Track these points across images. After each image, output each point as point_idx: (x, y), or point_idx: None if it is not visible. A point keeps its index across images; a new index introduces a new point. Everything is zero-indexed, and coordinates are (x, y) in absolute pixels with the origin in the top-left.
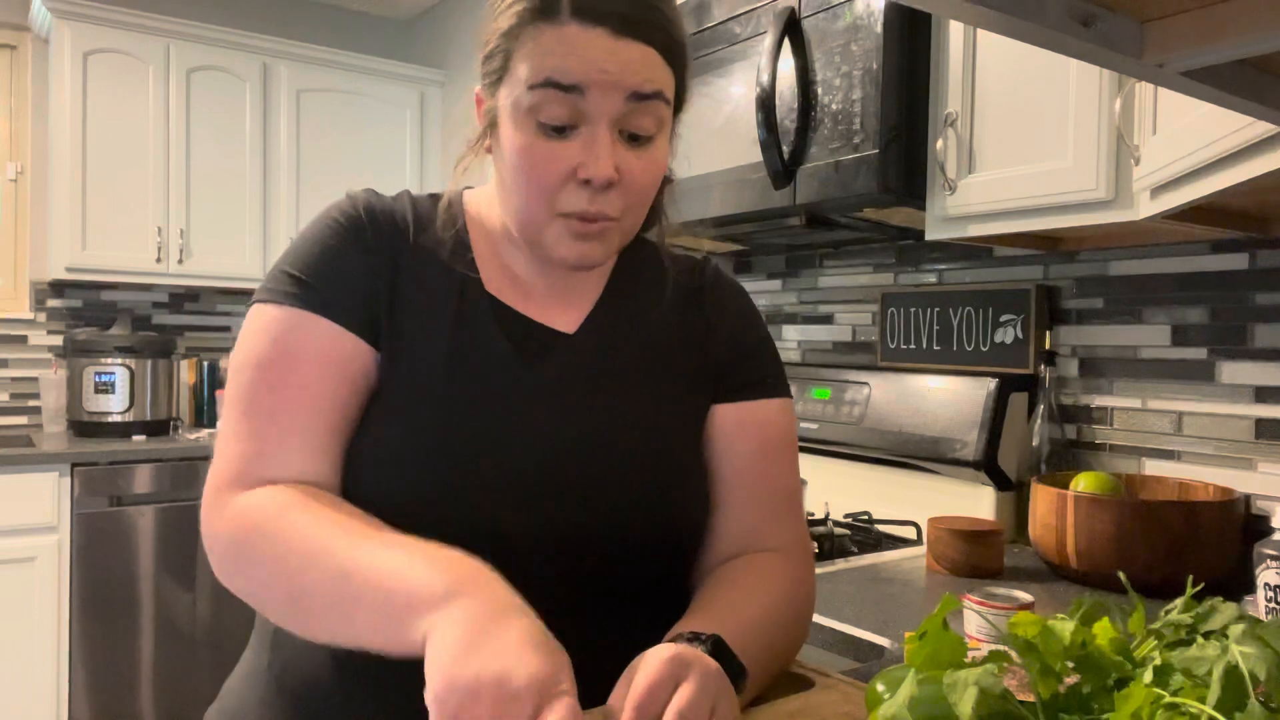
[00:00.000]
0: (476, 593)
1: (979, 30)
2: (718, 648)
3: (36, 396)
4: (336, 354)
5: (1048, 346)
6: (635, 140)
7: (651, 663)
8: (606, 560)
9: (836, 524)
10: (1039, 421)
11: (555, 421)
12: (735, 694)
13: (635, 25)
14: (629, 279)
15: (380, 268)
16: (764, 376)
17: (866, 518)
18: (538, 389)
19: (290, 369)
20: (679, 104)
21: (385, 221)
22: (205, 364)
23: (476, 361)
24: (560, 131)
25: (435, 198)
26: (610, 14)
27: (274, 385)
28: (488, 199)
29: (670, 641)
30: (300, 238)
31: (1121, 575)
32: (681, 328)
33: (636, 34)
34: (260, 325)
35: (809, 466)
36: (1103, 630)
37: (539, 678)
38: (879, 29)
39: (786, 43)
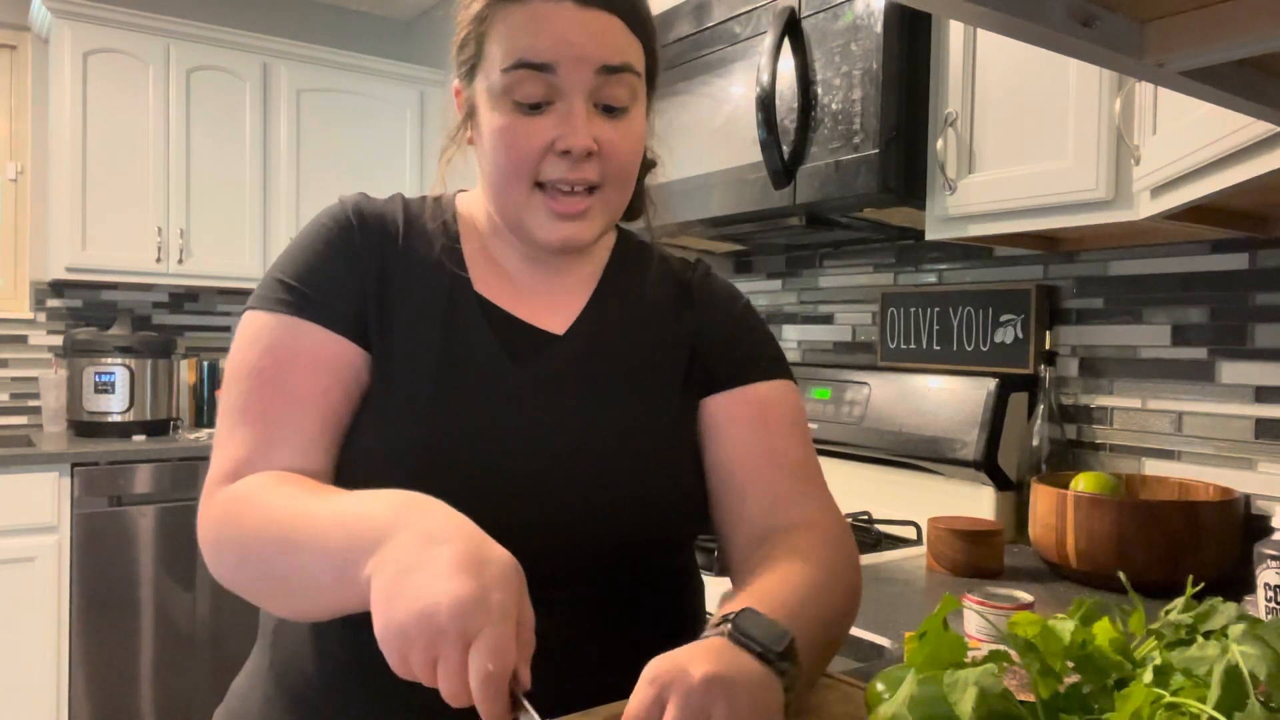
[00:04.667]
0: (408, 526)
1: (979, 30)
2: (748, 618)
3: (36, 396)
4: (328, 358)
5: (1048, 346)
6: (611, 111)
7: (634, 695)
8: (598, 561)
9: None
10: (1039, 421)
11: (545, 423)
12: (747, 686)
13: None
14: (620, 279)
15: (368, 271)
16: (755, 361)
17: (866, 518)
18: (527, 390)
19: (283, 375)
20: (652, 78)
21: (375, 224)
22: (205, 364)
23: (466, 362)
24: (536, 108)
25: (427, 199)
26: None
27: (267, 391)
28: (477, 198)
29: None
30: (292, 244)
31: (1121, 575)
32: (671, 328)
33: (601, 5)
34: (252, 333)
35: None
36: (1103, 630)
37: (462, 603)
38: (879, 29)
39: (786, 43)
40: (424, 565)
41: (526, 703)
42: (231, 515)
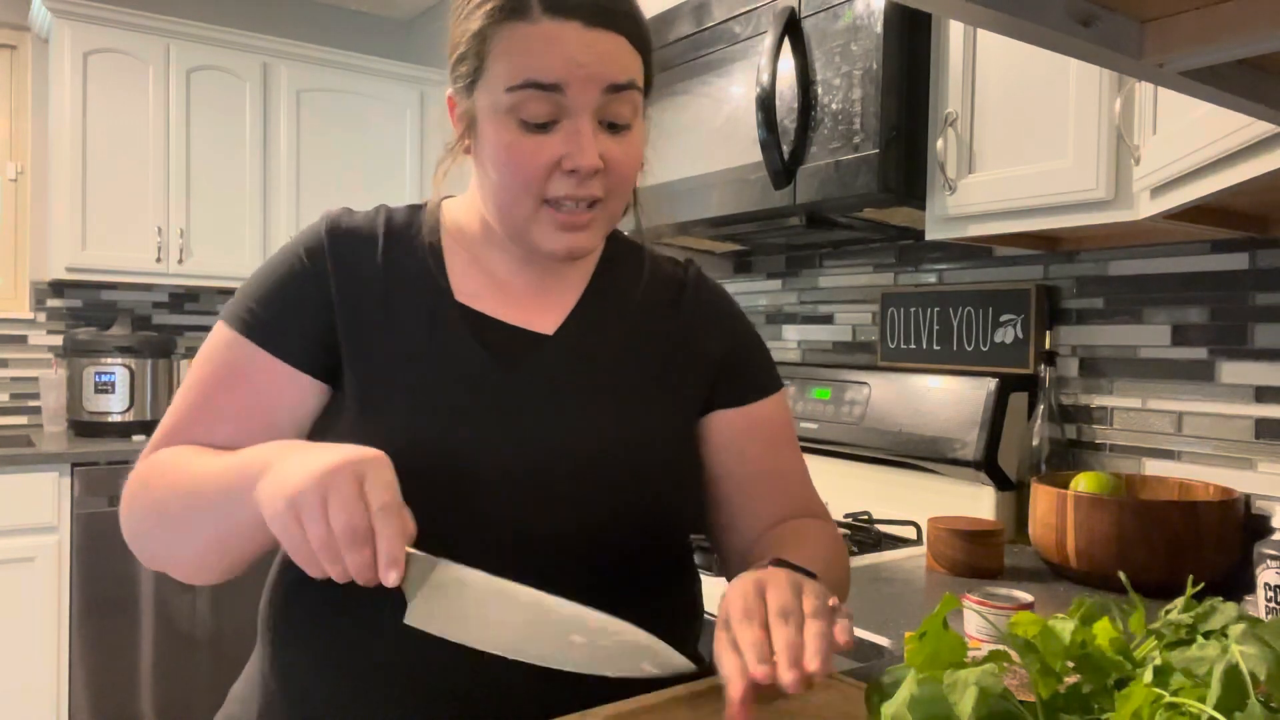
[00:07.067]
0: (292, 452)
1: (979, 30)
2: (781, 562)
3: (36, 396)
4: (271, 388)
5: (1048, 346)
6: (614, 128)
7: (733, 591)
8: (595, 562)
9: (836, 524)
10: (1039, 421)
11: (537, 426)
12: (815, 583)
13: (605, 15)
14: (610, 279)
15: (338, 295)
16: (760, 377)
17: (866, 518)
18: (518, 394)
19: (224, 398)
20: (647, 88)
21: (349, 242)
22: None
23: (452, 372)
24: (542, 127)
25: (414, 209)
26: (580, 6)
27: (206, 409)
28: (465, 205)
29: None
30: (264, 262)
31: (1121, 575)
32: (663, 327)
33: (607, 24)
34: (211, 346)
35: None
36: (1103, 630)
37: (344, 454)
38: (879, 29)
39: (786, 43)
40: (299, 461)
41: (411, 549)
42: (145, 482)
